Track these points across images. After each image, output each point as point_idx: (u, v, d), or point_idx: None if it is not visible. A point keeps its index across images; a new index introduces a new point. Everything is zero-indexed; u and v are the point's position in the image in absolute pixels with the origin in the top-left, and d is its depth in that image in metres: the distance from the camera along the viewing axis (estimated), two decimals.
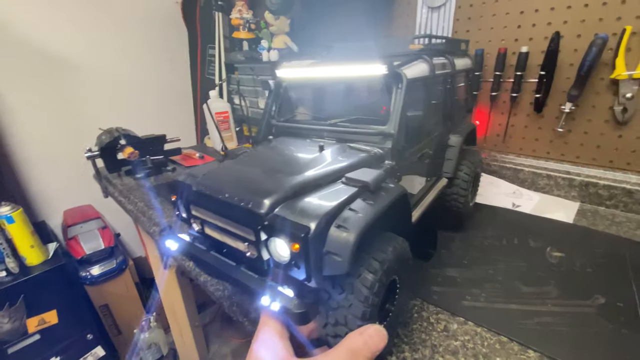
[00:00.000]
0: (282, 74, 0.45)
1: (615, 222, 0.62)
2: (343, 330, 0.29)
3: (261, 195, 0.29)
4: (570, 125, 0.69)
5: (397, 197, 0.32)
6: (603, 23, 0.61)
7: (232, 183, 0.33)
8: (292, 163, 0.36)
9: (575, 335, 0.38)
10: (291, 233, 0.26)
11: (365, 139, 0.40)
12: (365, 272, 0.29)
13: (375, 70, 0.37)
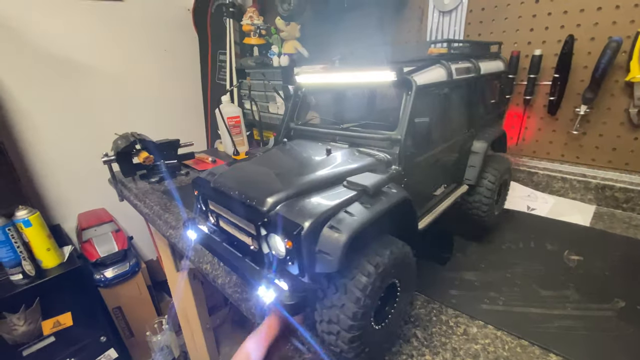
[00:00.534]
0: (301, 80, 0.46)
1: (632, 225, 0.61)
2: (336, 329, 0.30)
3: (265, 194, 0.31)
4: (585, 127, 0.68)
5: (397, 202, 0.33)
6: (616, 26, 0.61)
7: (242, 182, 0.36)
8: (299, 165, 0.38)
9: (596, 339, 0.38)
10: (286, 230, 0.28)
11: (374, 143, 0.41)
12: (359, 275, 0.29)
13: (384, 76, 0.38)
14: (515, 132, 0.77)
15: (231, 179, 0.37)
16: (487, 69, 0.53)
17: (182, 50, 1.67)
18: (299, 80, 0.46)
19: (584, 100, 0.64)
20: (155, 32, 1.58)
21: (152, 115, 1.62)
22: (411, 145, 0.38)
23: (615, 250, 0.54)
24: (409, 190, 0.38)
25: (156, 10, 1.56)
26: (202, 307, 1.26)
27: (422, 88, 0.38)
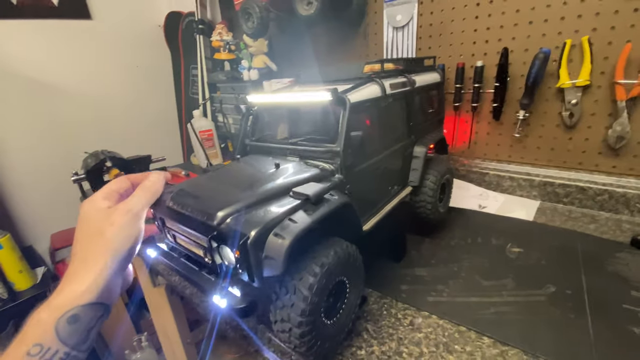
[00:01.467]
0: (251, 99, 0.50)
1: (571, 217, 0.67)
2: (288, 326, 0.33)
3: (215, 209, 0.34)
4: (527, 130, 0.75)
5: (337, 207, 0.36)
6: (546, 38, 0.68)
7: (194, 198, 0.38)
8: (250, 179, 0.41)
9: (527, 322, 0.43)
10: (234, 241, 0.31)
11: (319, 155, 0.44)
12: (306, 275, 0.33)
13: (322, 97, 0.42)
14: (467, 137, 0.82)
15: (184, 196, 0.39)
16: (423, 82, 0.58)
17: (154, 66, 1.69)
18: (249, 100, 0.50)
19: (522, 106, 0.70)
20: (127, 48, 1.59)
21: (126, 132, 1.62)
22: (350, 155, 0.42)
23: (552, 241, 0.60)
24: (353, 196, 0.42)
25: (126, 27, 1.57)
26: (181, 321, 1.25)
27: (356, 105, 0.42)
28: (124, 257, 0.34)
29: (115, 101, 1.58)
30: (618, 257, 0.54)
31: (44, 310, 0.30)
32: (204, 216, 0.34)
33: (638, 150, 0.64)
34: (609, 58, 0.62)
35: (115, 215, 0.35)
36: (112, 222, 0.34)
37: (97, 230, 0.34)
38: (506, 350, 0.39)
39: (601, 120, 0.66)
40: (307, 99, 0.43)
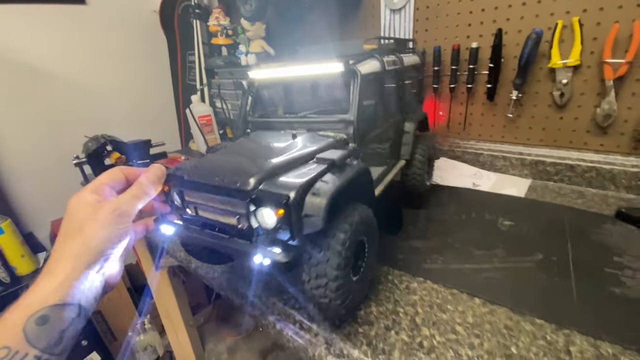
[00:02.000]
0: (254, 75, 0.51)
1: (560, 194, 0.70)
2: (324, 281, 0.35)
3: (247, 176, 0.35)
4: (519, 111, 0.77)
5: (359, 171, 0.39)
6: (539, 19, 0.69)
7: (220, 169, 0.38)
8: (269, 150, 0.42)
9: (515, 285, 0.46)
10: (275, 202, 0.33)
11: (330, 127, 0.46)
12: (338, 232, 0.35)
13: (334, 68, 0.43)
14: (462, 118, 0.84)
15: (206, 169, 0.39)
16: (408, 62, 0.61)
17: (150, 52, 1.67)
18: (251, 75, 0.50)
19: (515, 87, 0.72)
20: (122, 34, 1.57)
21: (123, 118, 1.62)
22: (362, 124, 0.44)
23: (542, 215, 0.63)
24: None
25: (121, 13, 1.56)
26: (184, 304, 1.28)
27: (365, 76, 0.44)
28: (103, 257, 0.32)
29: (112, 87, 1.57)
30: (603, 227, 0.57)
31: (14, 310, 0.28)
32: (236, 183, 0.35)
33: (624, 128, 0.67)
34: (597, 38, 0.64)
35: (101, 212, 0.33)
36: (94, 219, 0.32)
37: (78, 226, 0.32)
38: (495, 308, 0.42)
39: (590, 99, 0.68)
40: (317, 71, 0.45)
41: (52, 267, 0.31)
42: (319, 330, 0.41)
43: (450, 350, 0.36)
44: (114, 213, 0.33)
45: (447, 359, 0.35)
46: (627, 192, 0.68)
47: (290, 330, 0.42)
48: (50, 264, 0.31)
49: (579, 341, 0.36)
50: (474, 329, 0.39)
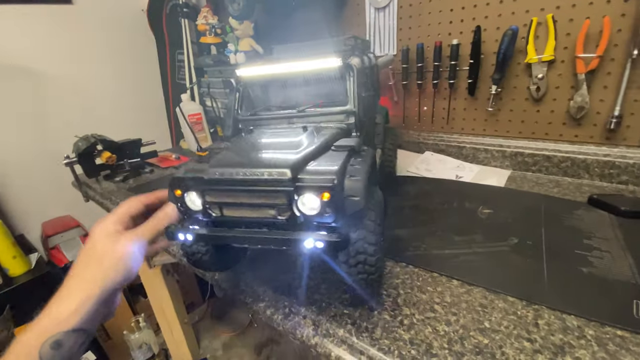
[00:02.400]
0: (242, 73, 0.51)
1: (538, 183, 0.74)
2: (363, 257, 0.37)
3: (282, 167, 0.35)
4: (499, 105, 0.80)
5: (372, 156, 0.42)
6: (515, 16, 0.72)
7: (247, 164, 0.36)
8: (288, 142, 0.42)
9: (491, 267, 0.48)
10: (319, 187, 0.34)
11: (331, 118, 0.48)
12: (370, 211, 0.38)
13: (332, 63, 0.47)
14: (445, 113, 0.87)
15: (231, 165, 0.37)
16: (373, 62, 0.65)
17: (139, 51, 1.67)
18: (239, 73, 0.51)
19: (494, 81, 0.76)
20: (110, 33, 1.57)
21: (113, 118, 1.62)
22: (362, 114, 0.47)
23: (519, 203, 0.66)
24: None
25: (109, 12, 1.56)
26: (178, 302, 1.29)
27: (359, 70, 0.47)
28: (116, 287, 0.35)
29: (101, 87, 1.57)
30: (575, 213, 0.60)
31: (30, 331, 0.31)
32: (271, 174, 0.34)
33: (596, 120, 0.70)
34: (570, 34, 0.68)
35: (120, 244, 0.35)
36: (114, 251, 0.35)
37: (99, 256, 0.35)
38: (471, 289, 0.45)
39: (564, 92, 0.72)
40: (315, 67, 0.48)
41: (68, 292, 0.33)
42: (307, 312, 0.43)
43: (428, 326, 0.39)
44: (132, 246, 0.35)
45: (425, 335, 0.38)
46: (600, 180, 0.71)
47: (280, 314, 0.44)
48: (67, 288, 0.34)
49: (547, 315, 0.39)
50: (451, 308, 0.42)
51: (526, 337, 0.37)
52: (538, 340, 0.36)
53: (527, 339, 0.36)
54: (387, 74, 0.93)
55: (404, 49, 0.86)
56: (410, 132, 0.97)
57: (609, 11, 0.63)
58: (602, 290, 0.43)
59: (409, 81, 0.90)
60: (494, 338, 0.37)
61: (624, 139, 0.69)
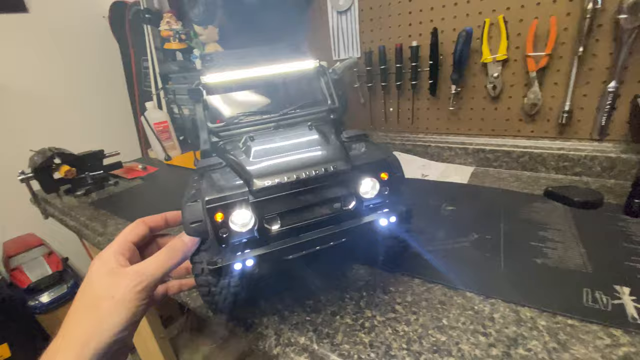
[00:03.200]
0: (209, 79, 0.46)
1: (499, 178, 0.76)
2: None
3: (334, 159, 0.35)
4: (460, 104, 0.82)
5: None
6: (470, 17, 0.75)
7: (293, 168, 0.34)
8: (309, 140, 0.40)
9: (451, 264, 0.49)
10: (376, 169, 0.36)
11: (312, 118, 0.48)
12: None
13: (308, 65, 0.49)
14: (410, 113, 0.89)
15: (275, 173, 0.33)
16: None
17: (102, 59, 1.62)
18: (206, 80, 0.46)
19: (453, 82, 0.78)
20: (70, 41, 1.51)
21: (78, 128, 1.55)
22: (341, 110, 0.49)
23: (481, 198, 0.68)
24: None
25: (68, 19, 1.49)
26: (153, 317, 1.25)
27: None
28: (115, 340, 0.27)
29: (62, 96, 1.51)
30: (532, 206, 0.63)
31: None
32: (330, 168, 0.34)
33: (549, 115, 0.74)
34: (521, 34, 0.71)
35: (120, 285, 0.28)
36: (113, 294, 0.28)
37: (94, 300, 0.28)
38: (431, 286, 0.45)
39: (519, 90, 0.75)
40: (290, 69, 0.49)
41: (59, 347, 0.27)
42: (269, 322, 0.42)
43: (389, 327, 0.39)
44: (134, 290, 0.28)
45: (385, 336, 0.38)
46: (555, 172, 0.74)
47: (242, 326, 0.43)
48: (58, 341, 0.27)
49: (502, 308, 0.41)
50: (411, 307, 0.42)
51: (482, 331, 0.38)
52: (493, 334, 0.37)
53: (482, 333, 0.37)
54: (352, 76, 0.93)
55: (367, 52, 0.87)
56: (379, 133, 0.98)
57: (556, 11, 0.67)
58: (555, 281, 0.44)
59: (374, 83, 0.91)
60: (452, 335, 0.37)
61: (575, 132, 0.73)
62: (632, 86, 0.65)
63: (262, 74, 0.49)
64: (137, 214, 0.73)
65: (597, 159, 0.69)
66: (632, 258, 0.47)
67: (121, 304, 0.28)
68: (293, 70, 0.49)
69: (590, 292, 0.41)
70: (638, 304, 0.39)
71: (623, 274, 0.44)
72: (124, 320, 0.28)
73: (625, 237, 0.52)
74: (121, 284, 0.28)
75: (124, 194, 0.94)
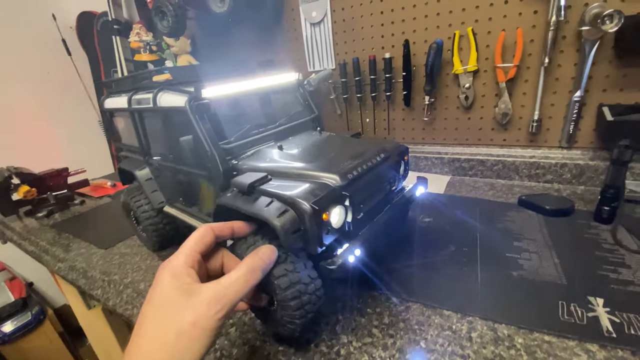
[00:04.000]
0: (208, 94, 0.43)
1: (475, 187, 0.76)
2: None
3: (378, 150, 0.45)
4: (434, 114, 0.83)
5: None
6: (440, 30, 0.76)
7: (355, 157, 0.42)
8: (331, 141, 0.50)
9: (429, 279, 0.48)
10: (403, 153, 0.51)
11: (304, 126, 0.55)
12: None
13: (291, 77, 0.55)
14: (386, 123, 0.89)
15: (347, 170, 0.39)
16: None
17: (70, 71, 1.55)
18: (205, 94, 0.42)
19: (426, 92, 0.78)
20: (34, 53, 1.44)
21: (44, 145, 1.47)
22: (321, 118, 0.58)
23: (457, 209, 0.67)
24: None
25: (31, 30, 1.42)
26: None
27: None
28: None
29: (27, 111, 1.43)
30: (507, 215, 0.63)
31: None
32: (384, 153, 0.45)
33: (520, 124, 0.75)
34: (490, 46, 0.72)
35: (200, 311, 0.26)
36: (193, 321, 0.25)
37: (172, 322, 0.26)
38: (410, 305, 0.44)
39: (490, 100, 0.76)
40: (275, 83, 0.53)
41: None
42: (239, 355, 0.40)
43: (365, 354, 0.38)
44: (216, 317, 0.26)
45: None
46: (528, 180, 0.76)
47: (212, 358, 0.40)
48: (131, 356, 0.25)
49: (479, 327, 0.40)
50: (389, 330, 0.40)
51: (460, 353, 0.36)
52: (471, 355, 0.36)
53: (461, 355, 0.36)
54: (327, 87, 0.93)
55: (341, 63, 0.86)
56: None
57: (522, 23, 0.68)
58: (531, 294, 0.44)
59: (350, 94, 0.90)
60: (430, 358, 0.36)
61: (545, 140, 0.74)
62: (597, 95, 0.67)
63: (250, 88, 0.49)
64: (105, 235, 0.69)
65: (566, 166, 0.71)
66: (603, 267, 0.47)
67: (202, 332, 0.26)
68: (278, 84, 0.53)
69: (565, 305, 0.41)
70: (611, 316, 0.39)
71: (596, 284, 0.44)
72: (204, 349, 0.26)
73: (596, 245, 0.52)
74: (201, 310, 0.26)
75: (90, 214, 0.89)
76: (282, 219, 0.32)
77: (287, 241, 0.32)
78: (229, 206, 0.38)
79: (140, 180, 0.58)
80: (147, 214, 0.60)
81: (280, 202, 0.34)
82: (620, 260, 0.48)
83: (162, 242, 0.63)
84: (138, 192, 0.62)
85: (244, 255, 0.34)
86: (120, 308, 0.53)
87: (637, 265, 0.46)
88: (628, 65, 0.63)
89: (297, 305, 0.34)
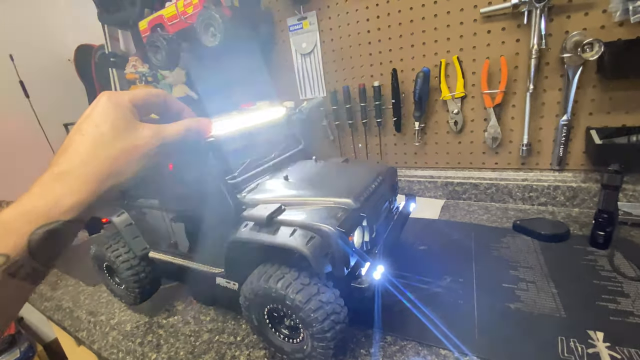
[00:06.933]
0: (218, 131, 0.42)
1: (469, 211, 0.76)
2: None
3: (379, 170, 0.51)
4: (425, 139, 0.83)
5: None
6: (426, 58, 0.77)
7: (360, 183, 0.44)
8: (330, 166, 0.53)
9: (424, 315, 0.46)
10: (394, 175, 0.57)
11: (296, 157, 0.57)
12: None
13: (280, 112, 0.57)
14: (378, 149, 0.89)
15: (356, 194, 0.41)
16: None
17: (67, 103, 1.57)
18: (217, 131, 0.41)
19: (415, 118, 0.79)
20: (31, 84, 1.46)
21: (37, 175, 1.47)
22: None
23: (452, 235, 0.67)
24: None
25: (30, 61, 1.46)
26: None
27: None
28: (124, 187, 0.28)
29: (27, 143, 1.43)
30: (502, 241, 0.62)
31: (19, 214, 0.24)
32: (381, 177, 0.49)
33: (510, 148, 0.75)
34: (475, 72, 0.73)
35: (143, 135, 0.28)
36: (135, 143, 0.28)
37: (115, 139, 0.27)
38: (405, 344, 0.42)
39: (479, 124, 0.77)
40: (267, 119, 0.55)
41: (74, 174, 0.26)
42: None
43: None
44: (156, 144, 0.29)
45: None
46: (522, 203, 0.75)
47: None
48: (72, 167, 0.26)
49: None
50: None
51: None
52: None
53: None
54: (320, 114, 0.94)
55: (332, 92, 0.88)
56: None
57: (505, 51, 0.70)
58: (530, 329, 0.42)
59: (341, 121, 0.91)
60: None
61: (536, 163, 0.74)
62: (584, 118, 0.67)
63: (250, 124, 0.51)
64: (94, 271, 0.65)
65: (559, 189, 0.71)
66: (602, 297, 0.46)
67: (145, 154, 0.28)
68: (269, 120, 0.55)
69: (565, 340, 0.40)
70: (612, 351, 0.37)
71: (595, 316, 0.43)
72: (142, 170, 0.28)
73: (594, 272, 0.51)
74: (144, 134, 0.28)
75: (82, 247, 0.88)
76: (310, 246, 0.33)
77: (319, 266, 0.34)
78: (247, 240, 0.38)
79: (119, 227, 0.53)
80: (127, 264, 0.53)
81: (303, 229, 0.35)
82: (619, 288, 0.47)
83: (143, 294, 0.56)
84: (114, 240, 0.55)
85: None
86: (106, 352, 0.51)
87: (636, 294, 0.45)
88: (612, 89, 0.64)
89: (333, 335, 0.35)
